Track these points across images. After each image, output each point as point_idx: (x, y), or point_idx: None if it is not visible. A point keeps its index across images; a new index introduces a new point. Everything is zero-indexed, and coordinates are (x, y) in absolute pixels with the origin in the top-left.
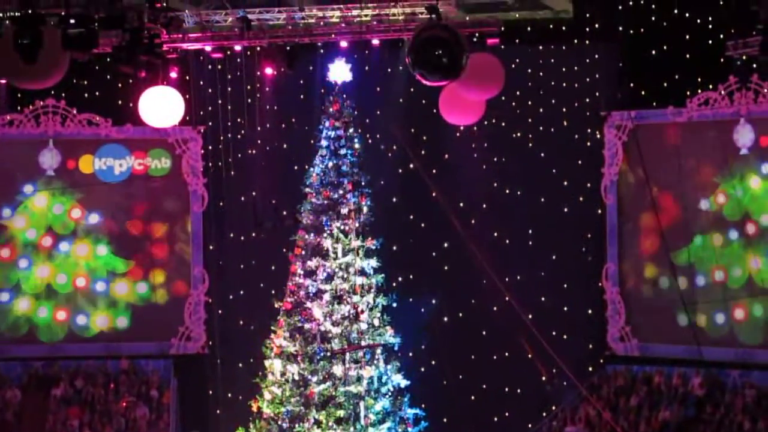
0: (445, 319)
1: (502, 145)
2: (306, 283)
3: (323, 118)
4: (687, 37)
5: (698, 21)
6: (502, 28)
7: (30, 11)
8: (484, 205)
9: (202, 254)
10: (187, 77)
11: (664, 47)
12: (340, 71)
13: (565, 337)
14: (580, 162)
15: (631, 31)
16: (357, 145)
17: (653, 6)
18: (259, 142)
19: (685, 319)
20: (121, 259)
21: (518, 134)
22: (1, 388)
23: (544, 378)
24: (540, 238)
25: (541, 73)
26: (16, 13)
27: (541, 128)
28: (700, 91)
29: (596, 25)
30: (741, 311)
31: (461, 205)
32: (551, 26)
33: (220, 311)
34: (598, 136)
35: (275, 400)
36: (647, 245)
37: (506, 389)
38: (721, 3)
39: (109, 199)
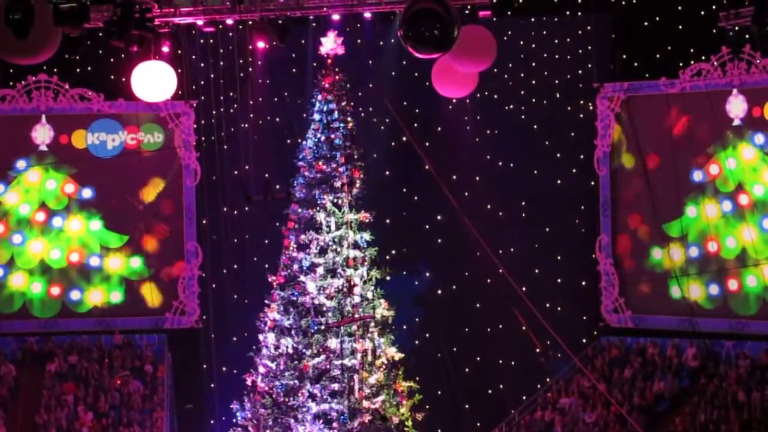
0: (439, 292)
1: (494, 117)
2: (299, 256)
3: (315, 92)
4: (679, 8)
5: None
6: (494, 0)
7: None
8: (477, 178)
9: (195, 228)
10: (179, 51)
11: (657, 19)
12: (332, 45)
13: (559, 309)
14: (572, 134)
15: (624, 3)
16: (349, 119)
17: None
18: (251, 116)
19: (678, 290)
20: (114, 233)
21: (511, 106)
22: None
23: (538, 350)
24: (533, 210)
25: (533, 45)
26: None
27: (533, 100)
28: (692, 62)
29: None
30: (735, 282)
31: (454, 177)
32: None
33: (213, 285)
34: (591, 107)
35: (269, 373)
36: (640, 217)
37: (500, 361)
38: None
39: (102, 173)
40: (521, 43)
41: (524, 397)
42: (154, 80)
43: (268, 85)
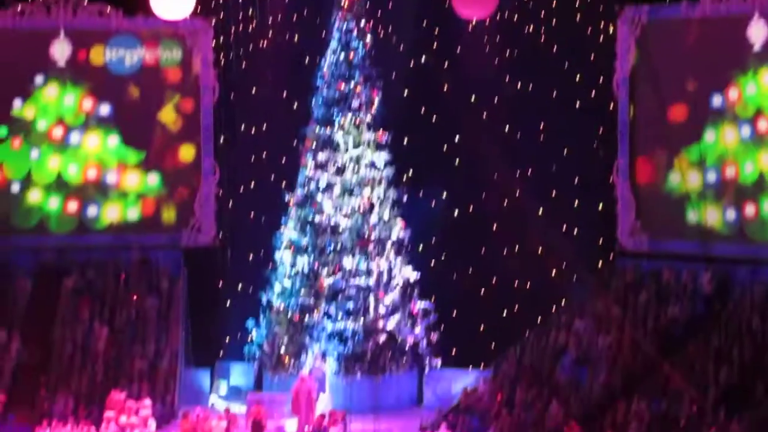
0: (456, 213)
1: (513, 39)
2: (316, 175)
3: (335, 11)
4: None
5: None
6: None
7: None
8: (496, 99)
9: (212, 146)
10: None
11: None
12: None
13: (575, 232)
14: (592, 57)
15: None
16: (368, 38)
17: None
18: (270, 34)
19: (695, 215)
20: (131, 150)
21: (531, 28)
22: (12, 279)
23: (553, 273)
24: (551, 132)
25: None
26: None
27: (553, 23)
28: None
29: None
30: (752, 208)
31: (472, 99)
32: None
33: (230, 203)
34: (611, 30)
35: (285, 292)
36: (658, 141)
37: (516, 283)
38: None
39: (120, 90)
40: None
41: (539, 319)
42: None
43: (287, 3)
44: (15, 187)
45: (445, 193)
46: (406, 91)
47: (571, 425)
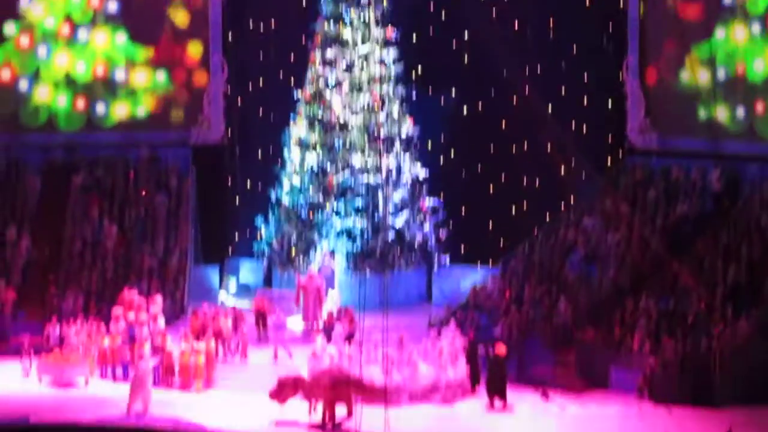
0: (465, 110)
1: None
2: (325, 72)
3: None
4: None
5: None
6: None
7: None
8: None
9: (221, 43)
10: None
11: None
12: None
13: (584, 129)
14: None
15: None
16: None
17: None
18: None
19: (705, 113)
20: (140, 46)
21: None
22: (22, 177)
23: (562, 170)
24: (561, 29)
25: None
26: None
27: None
28: None
29: None
30: (761, 105)
31: None
32: None
33: (239, 101)
34: None
35: (294, 189)
36: (669, 37)
37: (524, 181)
38: None
39: None
40: None
41: (547, 217)
42: None
43: None
44: (23, 85)
45: (454, 91)
46: None
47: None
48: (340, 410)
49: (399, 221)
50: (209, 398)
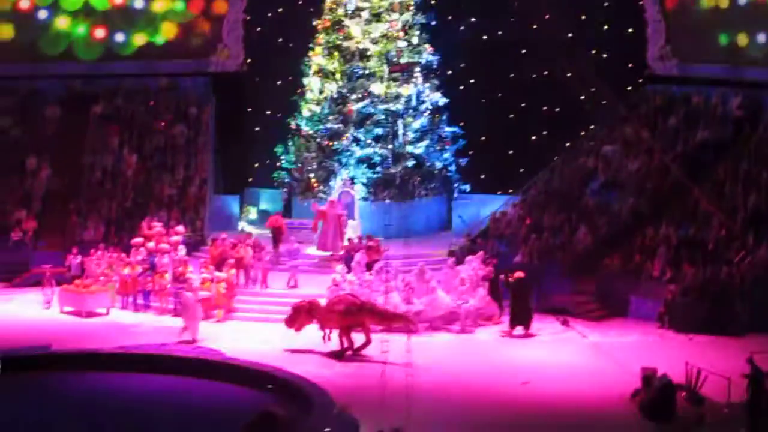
0: (485, 37)
1: None
2: (344, 0)
3: None
4: None
5: None
6: None
7: None
8: None
9: None
10: None
11: None
12: None
13: (604, 56)
14: None
15: None
16: None
17: None
18: None
19: (725, 39)
20: None
21: None
22: (41, 106)
23: (582, 97)
24: None
25: None
26: None
27: None
28: None
29: None
30: None
31: None
32: None
33: (258, 28)
34: None
35: (314, 117)
36: None
37: (544, 108)
38: None
39: None
40: None
41: (567, 144)
42: None
43: None
44: (42, 14)
45: (473, 18)
46: None
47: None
48: (359, 339)
49: (419, 149)
50: (230, 327)
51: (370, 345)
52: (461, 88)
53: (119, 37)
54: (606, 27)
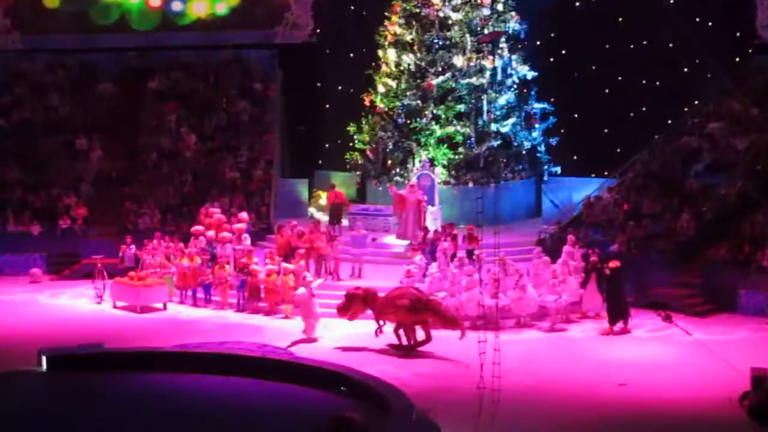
0: (577, 4)
1: None
2: None
3: None
4: None
5: None
6: None
7: None
8: None
9: None
10: None
11: None
12: None
13: (710, 24)
14: None
15: None
16: None
17: None
18: None
19: None
20: None
21: None
22: (92, 82)
23: (685, 69)
24: None
25: None
26: None
27: None
28: None
29: None
30: None
31: None
32: None
33: None
34: None
35: (389, 93)
36: None
37: (644, 81)
38: None
39: None
40: None
41: (669, 122)
42: None
43: None
44: None
45: None
46: None
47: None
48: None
49: (505, 128)
50: (297, 322)
51: (431, 342)
52: (551, 60)
53: (177, 5)
54: None
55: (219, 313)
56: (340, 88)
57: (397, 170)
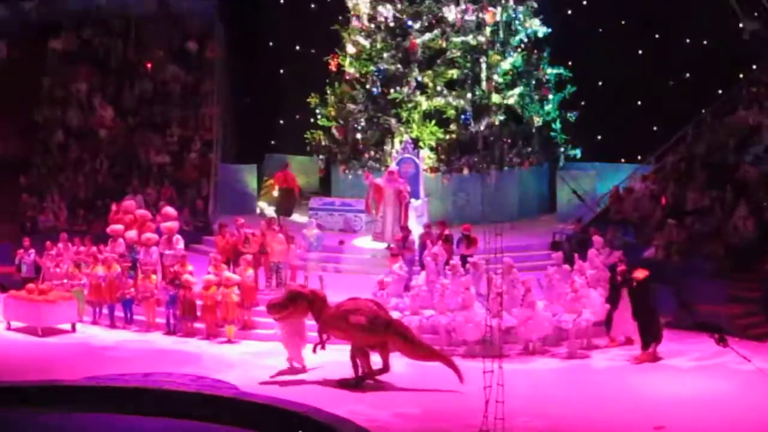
0: None
1: None
2: None
3: None
4: None
5: None
6: None
7: None
8: None
9: None
10: None
11: None
12: None
13: None
14: None
15: None
16: None
17: None
18: None
19: None
20: None
21: None
22: None
23: (741, 25)
24: None
25: None
26: None
27: None
28: None
29: None
30: None
31: None
32: None
33: None
34: None
35: (362, 54)
36: None
37: (687, 40)
38: None
39: None
40: None
41: (719, 92)
42: None
43: None
44: None
45: None
46: None
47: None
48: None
49: (510, 99)
50: (246, 349)
51: (389, 372)
52: (569, 12)
53: None
54: None
55: (143, 336)
56: (298, 48)
57: (372, 154)
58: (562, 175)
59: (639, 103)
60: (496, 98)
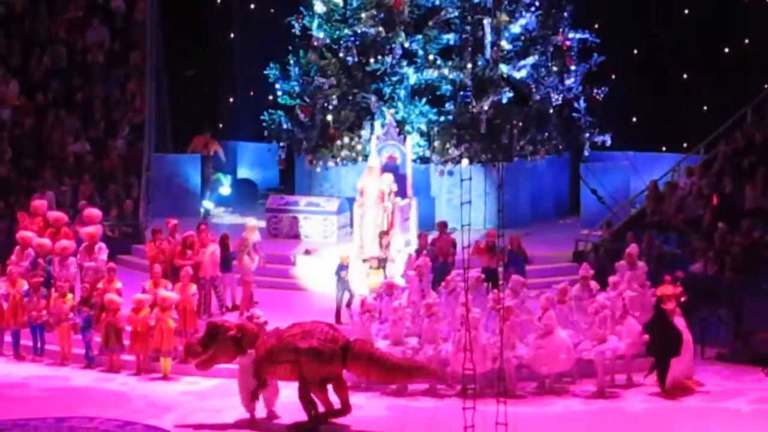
0: None
1: None
2: None
3: None
4: None
5: None
6: None
7: None
8: None
9: None
10: None
11: None
12: None
13: None
14: None
15: None
16: None
17: None
18: None
19: None
20: None
21: None
22: None
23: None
24: None
25: None
26: None
27: None
28: None
29: None
30: None
31: None
32: None
33: None
34: None
35: (333, 16)
36: None
37: (741, 5)
38: None
39: None
40: None
41: None
42: None
43: None
44: None
45: None
46: None
47: None
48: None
49: (521, 72)
50: (186, 386)
51: (350, 414)
52: None
53: None
54: None
55: (57, 371)
56: (253, 6)
57: (346, 140)
58: (587, 168)
59: (684, 76)
60: (503, 70)
